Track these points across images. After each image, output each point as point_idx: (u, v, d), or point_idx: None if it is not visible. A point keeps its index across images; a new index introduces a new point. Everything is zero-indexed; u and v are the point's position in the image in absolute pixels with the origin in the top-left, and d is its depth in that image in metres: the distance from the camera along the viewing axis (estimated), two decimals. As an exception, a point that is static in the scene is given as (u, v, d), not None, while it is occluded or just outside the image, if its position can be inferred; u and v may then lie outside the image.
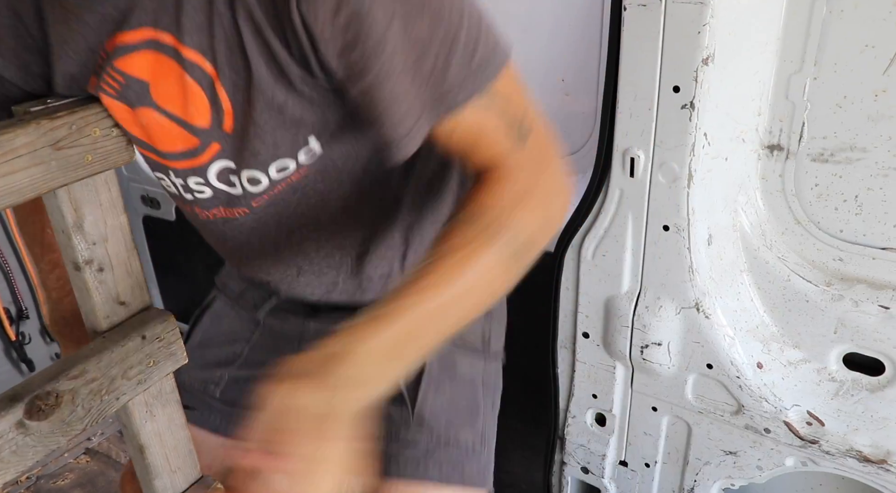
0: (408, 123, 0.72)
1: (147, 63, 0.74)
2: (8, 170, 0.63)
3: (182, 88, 0.75)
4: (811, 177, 1.10)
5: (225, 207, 0.91)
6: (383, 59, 0.67)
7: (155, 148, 0.82)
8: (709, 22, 0.98)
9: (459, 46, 0.70)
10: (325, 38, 0.66)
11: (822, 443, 1.14)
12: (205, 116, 0.77)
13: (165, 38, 0.72)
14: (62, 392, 0.72)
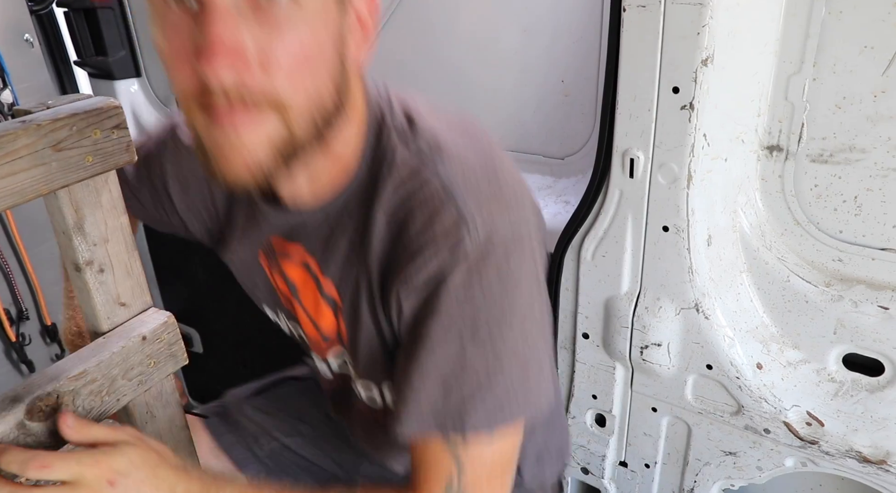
0: (410, 410, 0.80)
1: (297, 273, 0.93)
2: (9, 171, 0.63)
3: (316, 302, 0.93)
4: (810, 178, 1.10)
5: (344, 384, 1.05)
6: (424, 355, 0.78)
7: (300, 324, 1.00)
8: (708, 23, 0.98)
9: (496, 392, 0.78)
10: (404, 320, 0.80)
11: (821, 444, 1.14)
12: (330, 329, 0.94)
13: (311, 263, 0.90)
14: (63, 393, 0.72)
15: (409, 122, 0.82)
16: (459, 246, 0.74)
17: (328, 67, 0.73)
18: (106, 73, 2.08)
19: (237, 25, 0.66)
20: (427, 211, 0.76)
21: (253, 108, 0.68)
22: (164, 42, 0.71)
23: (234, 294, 2.33)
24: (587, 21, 1.29)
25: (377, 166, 0.82)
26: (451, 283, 0.75)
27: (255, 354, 2.31)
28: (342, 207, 0.85)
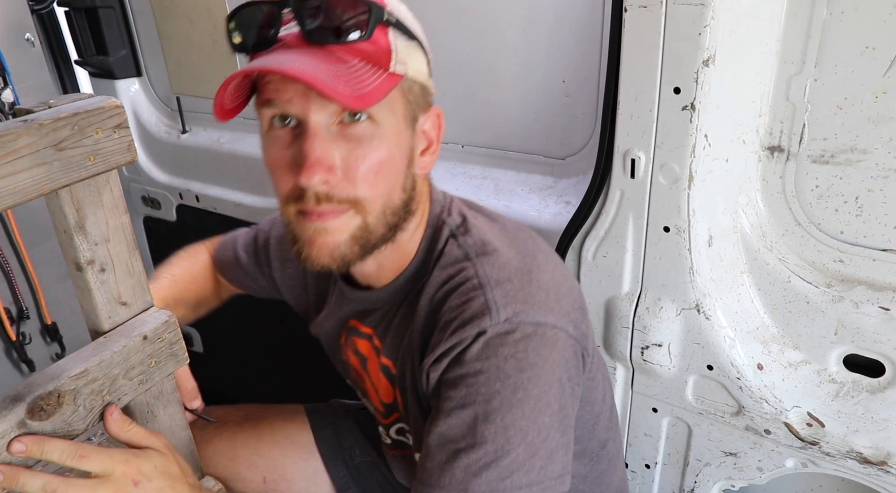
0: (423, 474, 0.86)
1: (366, 348, 1.07)
2: (10, 170, 0.63)
3: (378, 374, 1.06)
4: (812, 178, 1.10)
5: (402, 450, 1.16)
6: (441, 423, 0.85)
7: (366, 393, 1.13)
8: (709, 23, 0.98)
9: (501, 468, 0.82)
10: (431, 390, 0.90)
11: (822, 444, 1.14)
12: (389, 398, 1.06)
13: (377, 342, 1.05)
14: (64, 392, 0.72)
15: (463, 223, 0.97)
16: (479, 327, 0.84)
17: (399, 174, 0.88)
18: (107, 73, 2.09)
19: (328, 144, 0.82)
20: (460, 299, 0.88)
21: (337, 206, 0.84)
22: (270, 153, 0.87)
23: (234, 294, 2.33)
24: (588, 21, 1.29)
25: (429, 257, 0.97)
26: (468, 355, 0.84)
27: (255, 353, 2.31)
28: (398, 290, 1.00)
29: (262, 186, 1.94)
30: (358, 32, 0.81)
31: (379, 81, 0.82)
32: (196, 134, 2.08)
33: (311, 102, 0.81)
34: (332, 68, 0.80)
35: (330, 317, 1.15)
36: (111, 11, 2.00)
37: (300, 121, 0.83)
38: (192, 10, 1.86)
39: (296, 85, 0.81)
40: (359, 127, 0.83)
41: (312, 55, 0.81)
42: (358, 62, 0.82)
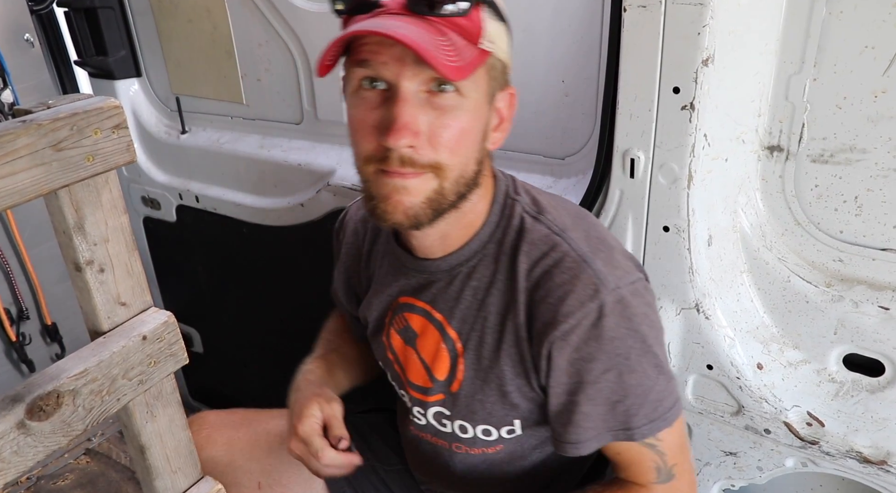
0: (588, 435, 0.98)
1: (419, 323, 1.10)
2: (9, 171, 0.63)
3: (436, 348, 1.08)
4: (811, 178, 1.10)
5: (432, 436, 1.18)
6: (591, 392, 0.95)
7: (405, 372, 1.15)
8: (709, 23, 0.98)
9: (650, 399, 0.96)
10: (558, 369, 0.96)
11: (822, 444, 1.14)
12: (443, 373, 1.09)
13: (438, 317, 1.07)
14: (63, 393, 0.72)
15: (535, 201, 1.03)
16: (597, 299, 0.92)
17: (475, 145, 0.94)
18: (106, 73, 2.09)
19: (417, 109, 0.87)
20: (568, 274, 0.94)
21: (419, 169, 0.89)
22: (356, 112, 0.91)
23: (234, 294, 2.34)
24: (588, 21, 1.29)
25: (504, 233, 1.02)
26: (596, 329, 0.93)
27: (255, 353, 2.31)
28: (461, 261, 1.04)
29: (263, 186, 1.94)
30: (457, 7, 0.86)
31: (471, 56, 0.87)
32: (195, 134, 2.08)
33: (405, 68, 0.85)
34: (433, 39, 0.84)
35: (377, 295, 1.17)
36: (111, 12, 2.00)
37: (390, 85, 0.87)
38: (191, 10, 1.86)
39: (392, 49, 0.85)
40: (446, 97, 0.88)
41: (415, 24, 0.85)
42: (454, 35, 0.87)
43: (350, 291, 1.30)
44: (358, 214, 1.26)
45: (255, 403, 2.50)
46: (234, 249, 2.12)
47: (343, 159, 1.73)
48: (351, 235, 1.26)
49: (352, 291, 1.30)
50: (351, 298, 1.31)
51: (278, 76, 1.79)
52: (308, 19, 1.65)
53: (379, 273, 1.18)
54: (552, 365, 0.96)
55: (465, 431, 1.11)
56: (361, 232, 1.23)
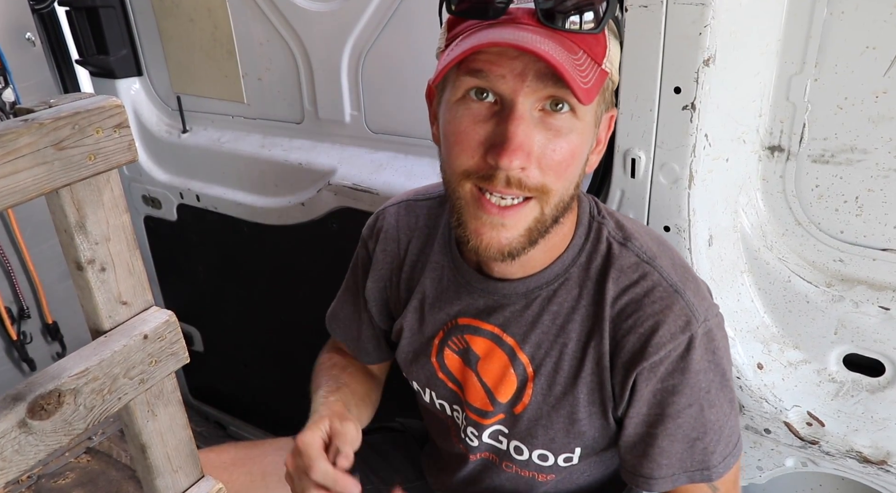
0: (663, 473, 0.96)
1: (484, 347, 1.04)
2: (11, 170, 0.63)
3: (502, 373, 1.03)
4: (812, 178, 1.10)
5: (483, 452, 1.14)
6: (670, 427, 0.93)
7: (464, 392, 1.10)
8: (710, 23, 0.98)
9: (724, 435, 0.95)
10: (640, 399, 0.94)
11: (822, 444, 1.14)
12: (507, 396, 1.04)
13: (509, 341, 1.02)
14: (64, 392, 0.72)
15: (620, 226, 0.99)
16: (689, 331, 0.90)
17: (579, 169, 0.90)
18: (107, 72, 2.09)
19: (531, 129, 0.82)
20: (660, 304, 0.92)
21: (524, 192, 0.85)
22: (460, 123, 0.85)
23: (235, 293, 2.34)
24: (589, 21, 1.28)
25: (591, 257, 0.98)
26: (685, 361, 0.91)
27: (255, 352, 2.31)
28: (544, 286, 0.99)
29: (263, 185, 1.94)
30: (592, 23, 0.81)
31: (595, 77, 0.83)
32: (196, 133, 2.08)
33: (524, 84, 0.80)
34: (569, 57, 0.79)
35: (430, 313, 1.11)
36: (112, 11, 2.00)
37: (504, 100, 0.82)
38: (192, 9, 1.86)
39: (513, 62, 0.80)
40: (560, 118, 0.83)
41: (549, 38, 0.79)
42: (582, 54, 0.82)
43: (384, 303, 1.22)
44: (393, 221, 1.17)
45: (256, 402, 2.51)
46: (234, 248, 2.12)
47: (343, 159, 1.73)
48: (391, 242, 1.17)
49: (385, 303, 1.22)
50: (383, 310, 1.23)
51: (279, 75, 1.79)
52: (309, 18, 1.65)
53: (430, 288, 1.11)
54: (635, 395, 0.94)
55: (521, 452, 1.08)
56: (405, 240, 1.15)
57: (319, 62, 1.69)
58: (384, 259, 1.18)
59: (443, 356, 1.10)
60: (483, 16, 0.83)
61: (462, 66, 0.83)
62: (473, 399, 1.09)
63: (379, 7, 1.52)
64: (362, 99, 1.67)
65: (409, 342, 1.15)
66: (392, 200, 1.21)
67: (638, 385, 0.93)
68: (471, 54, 0.81)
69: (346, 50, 1.62)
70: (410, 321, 1.14)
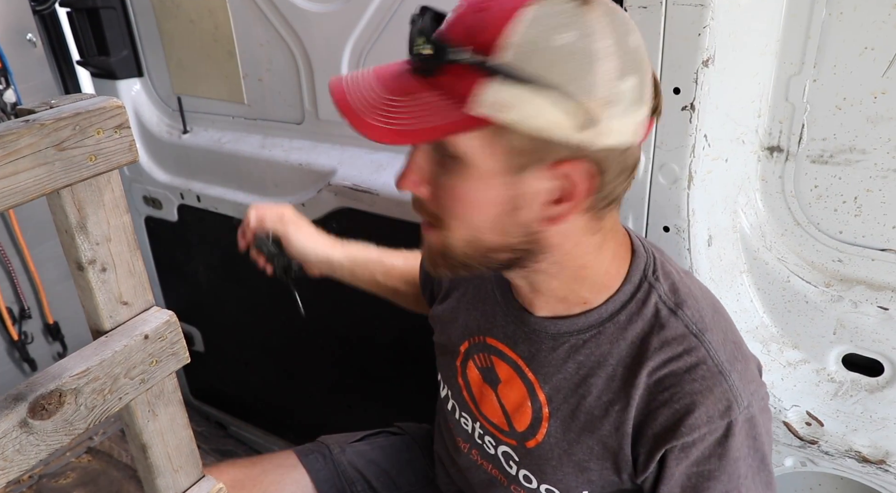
0: None
1: (507, 372, 1.02)
2: (12, 170, 0.64)
3: (520, 402, 1.00)
4: (811, 178, 1.10)
5: (494, 468, 1.11)
6: None
7: (479, 406, 1.08)
8: (709, 24, 0.98)
9: None
10: (671, 478, 0.88)
11: (821, 443, 1.14)
12: (523, 426, 1.01)
13: (530, 376, 0.99)
14: (65, 392, 0.72)
15: (674, 289, 0.91)
16: (729, 417, 0.85)
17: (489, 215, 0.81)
18: (108, 73, 2.09)
19: (428, 156, 0.82)
20: (701, 384, 0.86)
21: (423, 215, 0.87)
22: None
23: (235, 293, 2.34)
24: (588, 21, 1.29)
25: (632, 318, 0.91)
26: (723, 447, 0.86)
27: (256, 352, 2.31)
28: (575, 334, 0.94)
29: (264, 185, 1.94)
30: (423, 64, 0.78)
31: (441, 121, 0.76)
32: (197, 134, 2.08)
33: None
34: (379, 96, 0.79)
35: (459, 315, 1.10)
36: (113, 12, 2.00)
37: None
38: (193, 10, 1.86)
39: None
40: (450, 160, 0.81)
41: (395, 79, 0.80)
42: (427, 95, 0.77)
43: (429, 282, 1.24)
44: None
45: (256, 402, 2.51)
46: (235, 248, 2.12)
47: (344, 159, 1.74)
48: None
49: (429, 283, 1.24)
50: (427, 286, 1.25)
51: (280, 76, 1.79)
52: (310, 19, 1.65)
53: (471, 289, 1.10)
54: (665, 472, 0.88)
55: (530, 481, 1.05)
56: None
57: (320, 63, 1.69)
58: None
59: (466, 366, 1.09)
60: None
61: None
62: (491, 414, 1.07)
63: (379, 8, 1.52)
64: (362, 99, 1.67)
65: (440, 335, 1.16)
66: None
67: (668, 462, 0.88)
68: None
69: (347, 51, 1.62)
70: (448, 314, 1.13)
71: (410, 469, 1.37)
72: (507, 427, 1.05)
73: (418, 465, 1.37)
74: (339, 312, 1.85)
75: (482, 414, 1.09)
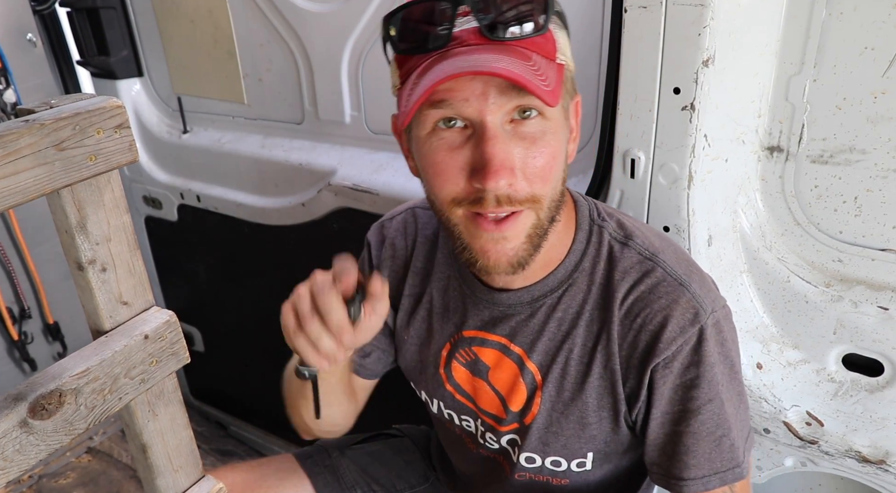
0: (692, 474, 0.94)
1: (493, 357, 1.04)
2: (12, 170, 0.63)
3: (513, 381, 1.03)
4: (811, 178, 1.10)
5: (504, 459, 1.13)
6: (694, 425, 0.92)
7: (477, 402, 1.09)
8: (709, 24, 0.98)
9: (742, 429, 0.96)
10: (661, 397, 0.93)
11: (821, 443, 1.14)
12: (518, 405, 1.04)
13: (516, 350, 1.02)
14: (65, 392, 0.72)
15: (621, 226, 0.98)
16: (698, 323, 0.90)
17: (562, 166, 0.88)
18: (108, 73, 2.09)
19: (508, 145, 0.81)
20: (667, 299, 0.91)
21: (517, 207, 0.84)
22: (437, 155, 0.85)
23: (235, 293, 2.34)
24: (588, 22, 1.29)
25: (594, 261, 0.97)
26: (698, 353, 0.90)
27: (255, 352, 2.31)
28: (548, 294, 0.98)
29: (264, 185, 1.94)
30: (533, 25, 0.81)
31: (554, 75, 0.81)
32: (197, 134, 2.08)
33: (489, 102, 0.80)
34: (524, 65, 0.78)
35: (436, 323, 1.11)
36: (113, 12, 2.00)
37: (473, 122, 0.82)
38: (193, 10, 1.86)
39: (472, 84, 0.79)
40: (531, 124, 0.82)
41: (500, 52, 0.79)
42: (537, 56, 0.81)
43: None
44: (400, 227, 1.17)
45: (256, 402, 2.51)
46: (235, 248, 2.13)
47: (344, 159, 1.74)
48: (398, 249, 1.16)
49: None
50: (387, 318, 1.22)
51: (280, 76, 1.79)
52: (309, 19, 1.65)
53: (437, 298, 1.10)
54: (654, 394, 0.93)
55: (533, 461, 1.08)
56: (410, 247, 1.15)
57: (320, 63, 1.69)
58: (390, 266, 1.17)
59: (451, 369, 1.10)
60: (432, 47, 0.82)
61: (426, 100, 0.82)
62: (488, 407, 1.08)
63: (379, 8, 1.52)
64: (362, 99, 1.68)
65: (417, 353, 1.15)
66: (398, 208, 1.21)
67: (655, 383, 0.92)
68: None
69: (347, 51, 1.62)
70: (419, 331, 1.13)
71: (410, 471, 1.37)
72: (504, 414, 1.06)
73: (418, 466, 1.38)
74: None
75: (481, 409, 1.10)
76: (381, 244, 1.18)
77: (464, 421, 1.15)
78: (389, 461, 1.37)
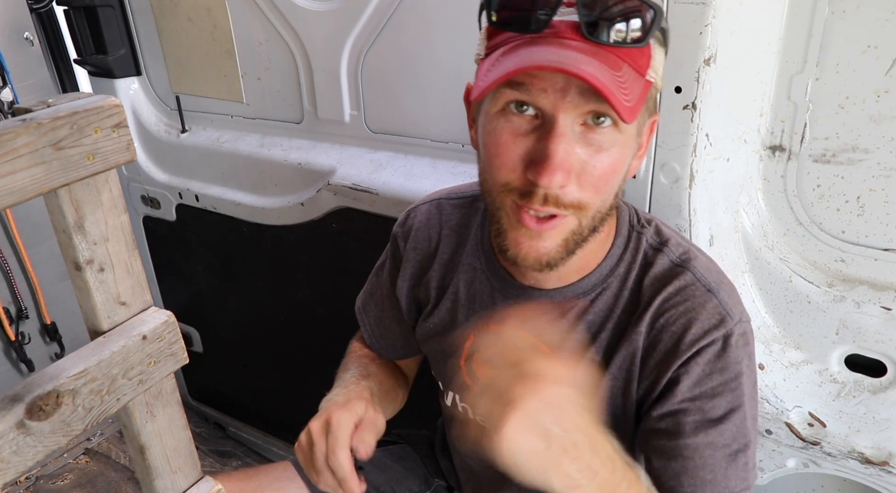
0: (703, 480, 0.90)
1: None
2: (9, 170, 0.63)
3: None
4: (813, 178, 1.10)
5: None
6: (713, 433, 0.89)
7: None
8: (711, 22, 0.98)
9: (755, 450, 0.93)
10: (679, 396, 0.90)
11: (823, 445, 1.14)
12: None
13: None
14: (63, 393, 0.72)
15: (658, 234, 0.98)
16: (725, 328, 0.89)
17: (619, 180, 0.87)
18: (106, 72, 2.08)
19: (572, 146, 0.80)
20: (693, 302, 0.91)
21: (561, 211, 0.83)
22: (500, 136, 0.83)
23: (234, 293, 2.34)
24: (589, 20, 1.28)
25: (629, 268, 0.96)
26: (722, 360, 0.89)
27: (254, 353, 2.31)
28: (580, 297, 0.98)
29: (263, 185, 1.93)
30: (638, 35, 0.78)
31: (639, 92, 0.79)
32: (196, 133, 2.07)
33: (566, 100, 0.78)
34: (611, 74, 0.76)
35: (461, 314, 1.10)
36: (110, 10, 1.99)
37: (544, 114, 0.80)
38: (191, 9, 1.85)
39: (555, 77, 0.77)
40: (602, 132, 0.80)
41: (592, 55, 0.77)
42: (627, 68, 0.79)
43: (413, 300, 1.20)
44: (425, 219, 1.16)
45: (255, 403, 2.50)
46: (233, 248, 2.12)
47: (343, 159, 1.73)
48: (422, 240, 1.16)
49: (415, 300, 1.20)
50: (411, 307, 1.21)
51: (279, 75, 1.79)
52: (309, 18, 1.65)
53: (463, 290, 1.10)
54: (673, 394, 0.91)
55: None
56: (436, 238, 1.14)
57: (319, 62, 1.68)
58: (415, 257, 1.16)
59: (472, 361, 1.09)
60: (525, 29, 0.80)
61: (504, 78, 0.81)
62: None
63: (379, 7, 1.52)
64: (362, 99, 1.67)
65: (440, 343, 1.15)
66: (423, 198, 1.20)
67: (673, 384, 0.91)
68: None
69: (346, 50, 1.61)
70: (443, 321, 1.13)
71: (411, 478, 1.36)
72: None
73: (418, 472, 1.37)
74: (338, 312, 1.84)
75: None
76: (407, 236, 1.17)
77: (479, 416, 1.14)
78: (389, 466, 1.36)
